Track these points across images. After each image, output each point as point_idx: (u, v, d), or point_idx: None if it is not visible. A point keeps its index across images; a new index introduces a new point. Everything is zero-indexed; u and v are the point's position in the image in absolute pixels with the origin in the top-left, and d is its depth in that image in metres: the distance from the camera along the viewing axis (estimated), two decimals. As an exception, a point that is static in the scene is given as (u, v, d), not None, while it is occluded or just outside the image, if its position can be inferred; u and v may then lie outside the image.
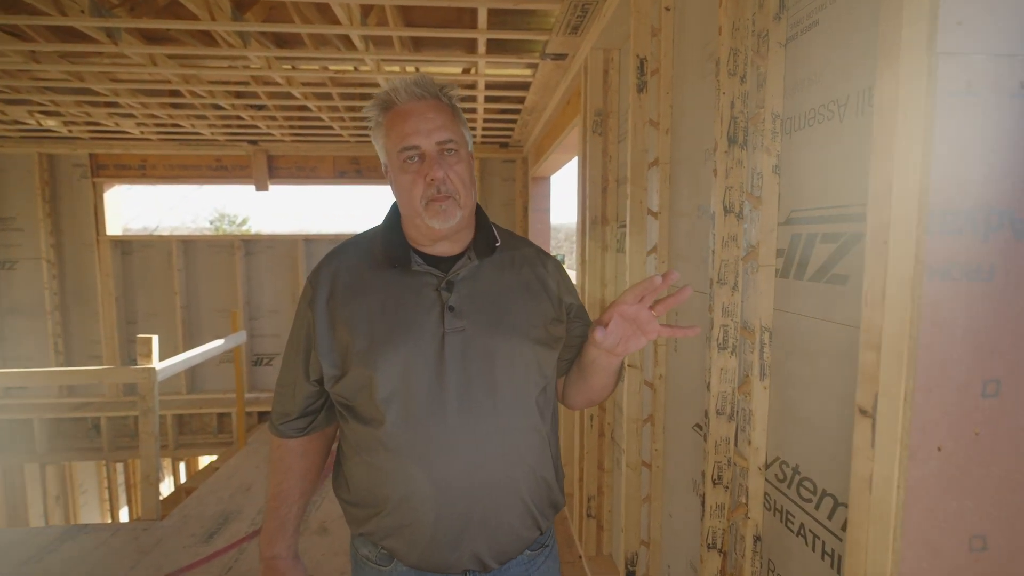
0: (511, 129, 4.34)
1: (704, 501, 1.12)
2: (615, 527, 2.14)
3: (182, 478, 5.94)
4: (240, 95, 3.33)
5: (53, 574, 2.36)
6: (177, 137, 4.60)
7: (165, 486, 6.39)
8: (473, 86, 3.10)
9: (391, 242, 0.88)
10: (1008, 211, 0.58)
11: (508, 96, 3.35)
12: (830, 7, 0.88)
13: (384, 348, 0.82)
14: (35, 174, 4.72)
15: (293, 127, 4.20)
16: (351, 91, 3.18)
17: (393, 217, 0.92)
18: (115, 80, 2.97)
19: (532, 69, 2.83)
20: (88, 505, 5.72)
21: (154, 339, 2.92)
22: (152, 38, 2.48)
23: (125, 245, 5.02)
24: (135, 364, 3.11)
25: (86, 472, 5.72)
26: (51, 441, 4.76)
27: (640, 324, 0.79)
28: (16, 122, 4.06)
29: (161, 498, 3.16)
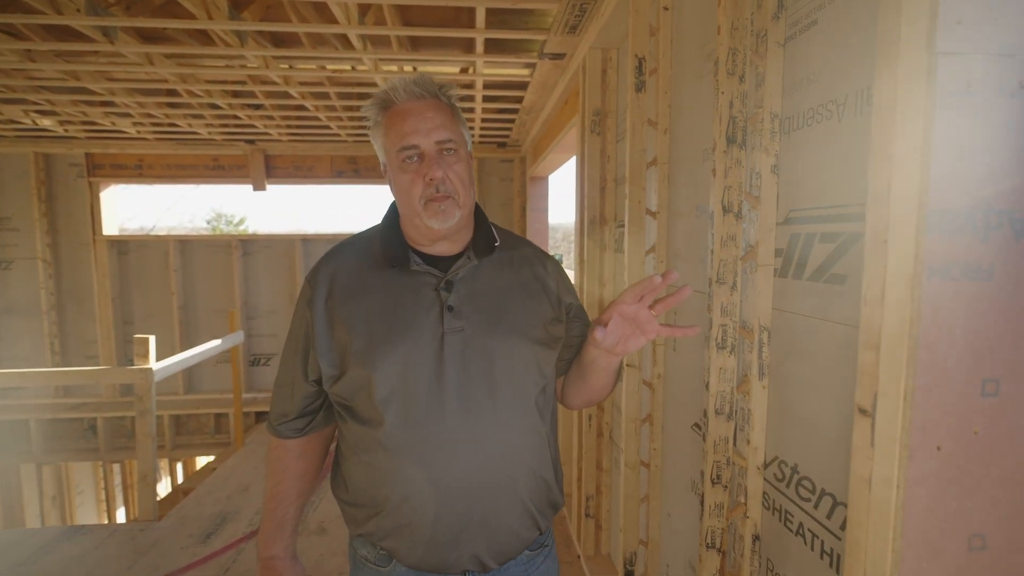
0: (509, 129, 4.34)
1: (703, 500, 1.12)
2: (613, 527, 2.14)
3: (179, 479, 5.93)
4: (237, 94, 3.31)
5: (50, 575, 2.35)
6: (174, 137, 4.59)
7: (162, 487, 6.38)
8: (471, 86, 3.10)
9: (390, 242, 0.88)
10: (1008, 211, 0.58)
11: (506, 96, 3.35)
12: (828, 7, 0.88)
13: (383, 348, 0.81)
14: (31, 174, 4.70)
15: (290, 126, 4.19)
16: (349, 90, 3.17)
17: (392, 217, 0.92)
18: (111, 79, 2.96)
19: (530, 69, 2.83)
20: (85, 506, 5.70)
21: (151, 339, 2.91)
22: (149, 37, 2.47)
23: (122, 245, 5.00)
24: (132, 364, 3.10)
25: (83, 473, 5.70)
26: (47, 442, 4.74)
27: (640, 324, 0.79)
28: (12, 121, 4.04)
29: (158, 499, 3.14)
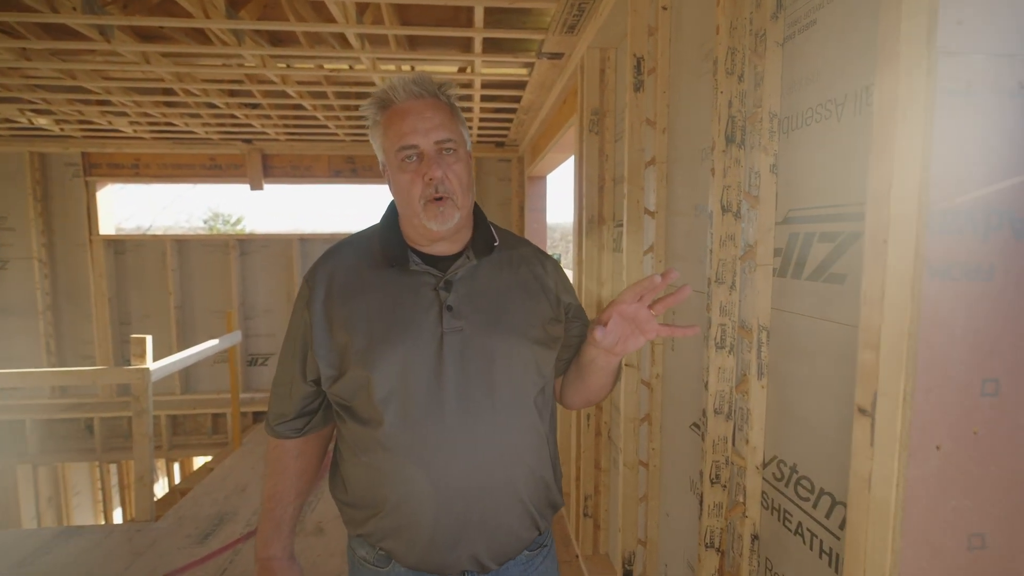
0: (507, 128, 4.33)
1: (702, 500, 1.12)
2: (612, 526, 2.14)
3: (176, 479, 5.92)
4: (234, 93, 3.30)
5: (46, 576, 2.34)
6: (171, 136, 4.57)
7: (159, 487, 6.36)
8: (469, 85, 3.09)
9: (389, 241, 0.88)
10: (1008, 211, 0.58)
11: (504, 95, 3.34)
12: (828, 6, 0.88)
13: (382, 348, 0.81)
14: (26, 173, 4.68)
15: (288, 126, 4.18)
16: (346, 90, 3.17)
17: (391, 216, 0.91)
18: (108, 78, 2.95)
19: (528, 68, 2.83)
20: (81, 507, 5.68)
21: (148, 339, 2.90)
22: (145, 36, 2.46)
23: (118, 245, 4.98)
24: (128, 364, 3.09)
25: (79, 473, 5.68)
26: (43, 442, 4.72)
27: (639, 323, 0.79)
28: (7, 120, 4.02)
29: (155, 499, 3.14)
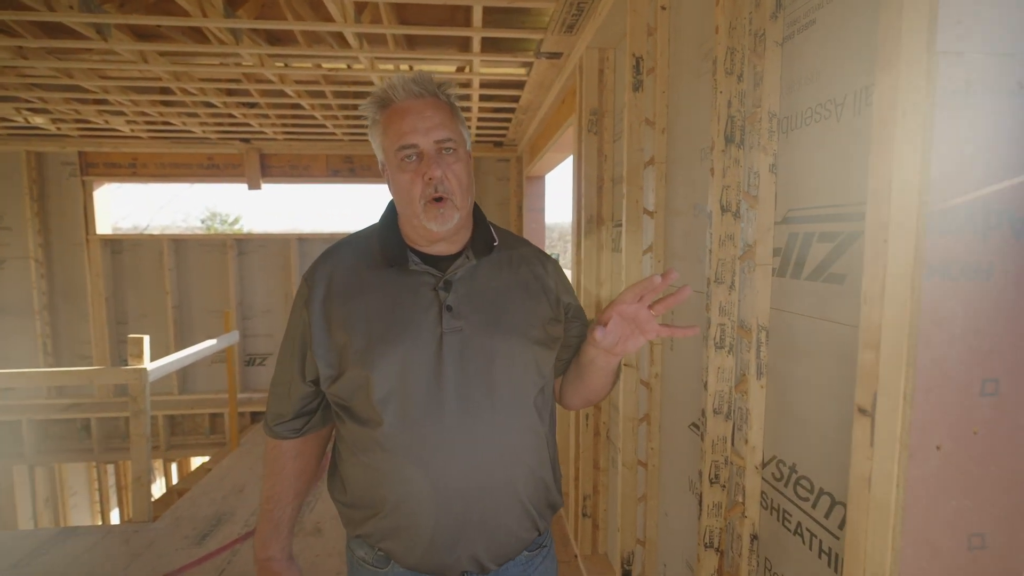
0: (505, 128, 4.33)
1: (701, 500, 1.12)
2: (611, 526, 2.15)
3: (174, 479, 5.90)
4: (232, 93, 3.29)
5: (43, 577, 2.33)
6: (168, 135, 4.56)
7: (157, 488, 6.35)
8: (468, 84, 3.09)
9: (388, 241, 0.87)
10: (1007, 210, 0.58)
11: (503, 95, 3.34)
12: (827, 6, 0.88)
13: (381, 348, 0.81)
14: (23, 172, 4.66)
15: (286, 125, 4.17)
16: (344, 89, 3.16)
17: (390, 216, 0.91)
18: (105, 77, 2.94)
19: (527, 68, 2.82)
20: (78, 507, 5.66)
21: (145, 339, 2.89)
22: (142, 34, 2.45)
23: (115, 244, 4.96)
24: (126, 364, 3.08)
25: (76, 474, 5.65)
26: (40, 443, 4.71)
27: (639, 323, 0.79)
28: (3, 119, 4.00)
29: (153, 500, 3.13)
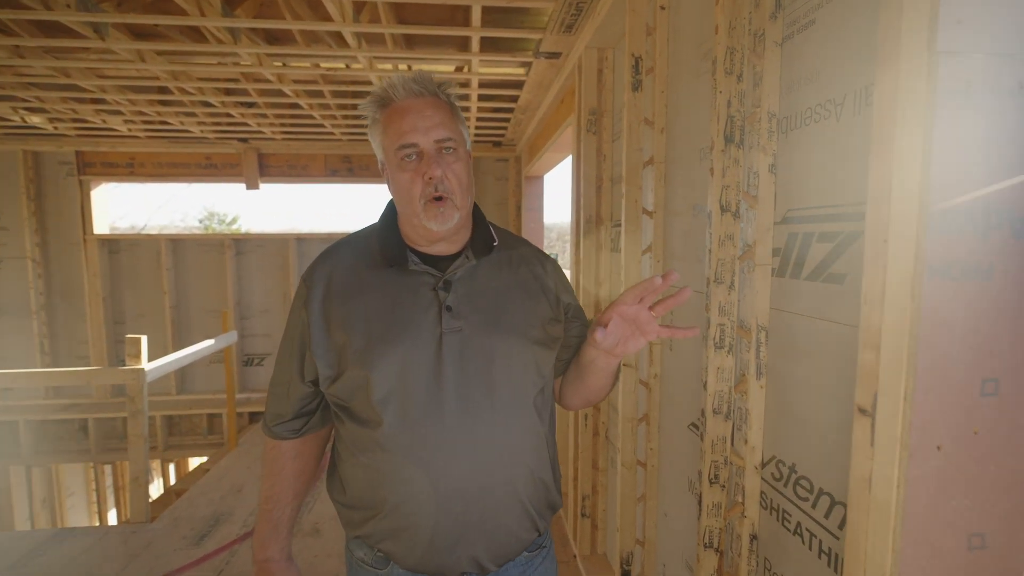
0: (504, 128, 4.33)
1: (701, 500, 1.12)
2: (610, 526, 2.15)
3: (172, 480, 5.88)
4: (230, 92, 3.29)
5: (40, 579, 2.32)
6: (166, 135, 4.54)
7: (154, 488, 6.32)
8: (466, 84, 3.09)
9: (388, 241, 0.87)
10: (1007, 210, 0.58)
11: (501, 95, 3.34)
12: (827, 6, 0.88)
13: (381, 348, 0.80)
14: (20, 172, 4.64)
15: (284, 125, 4.16)
16: (343, 89, 3.15)
17: (390, 215, 0.91)
18: (102, 76, 2.93)
19: (526, 68, 2.82)
20: (75, 508, 5.64)
21: (143, 339, 2.88)
22: (140, 34, 2.45)
23: (112, 244, 4.95)
24: (123, 365, 3.07)
25: (73, 475, 5.63)
26: (37, 443, 4.69)
27: (639, 325, 0.79)
28: (0, 118, 3.99)
29: (150, 500, 3.11)
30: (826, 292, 0.87)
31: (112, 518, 5.98)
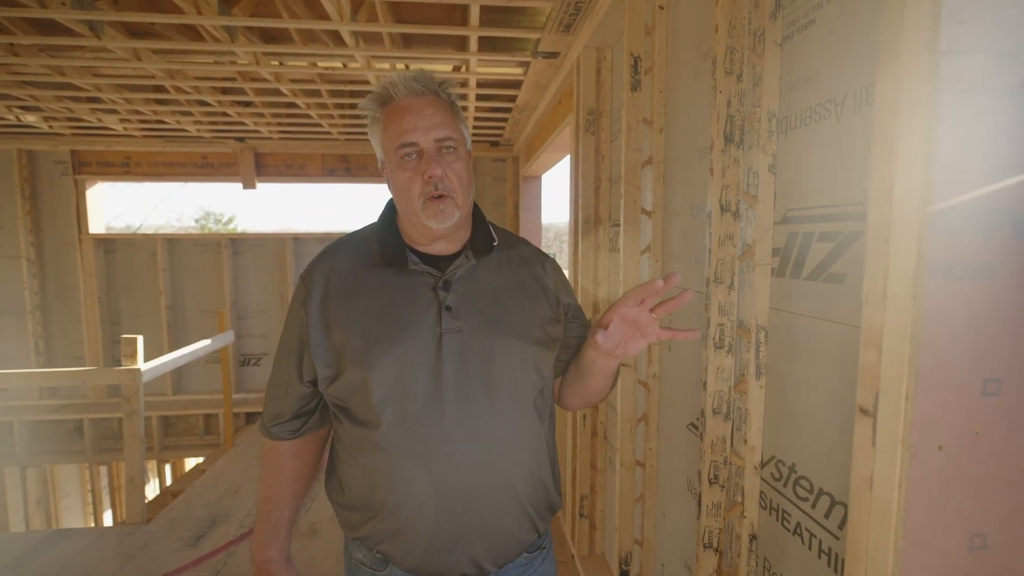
0: (502, 128, 4.33)
1: (700, 500, 1.12)
2: (608, 526, 2.14)
3: (168, 481, 5.85)
4: (227, 91, 3.27)
5: (35, 580, 2.30)
6: (162, 134, 4.52)
7: (150, 489, 6.30)
8: (464, 84, 3.08)
9: (387, 241, 0.87)
10: (1009, 210, 0.58)
11: (499, 95, 3.33)
12: (827, 6, 0.88)
13: (380, 348, 0.80)
14: (14, 171, 4.62)
15: (281, 124, 4.15)
16: (340, 88, 3.15)
17: (389, 215, 0.90)
18: (97, 75, 2.91)
19: (524, 67, 2.82)
20: (71, 509, 5.61)
21: (139, 339, 2.87)
22: (136, 32, 2.43)
23: (108, 244, 4.92)
24: (119, 365, 3.05)
25: (69, 475, 5.61)
26: (32, 444, 4.66)
27: (640, 326, 0.79)
28: (-6, 117, 3.97)
29: (146, 501, 3.10)
30: (826, 292, 0.87)
31: (108, 519, 5.96)
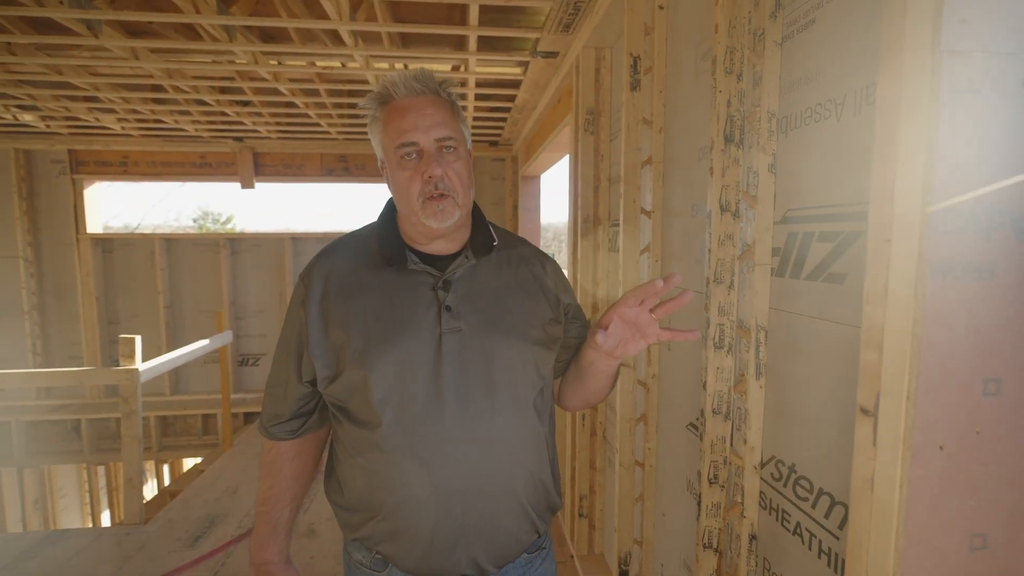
0: (501, 127, 4.32)
1: (700, 500, 1.12)
2: (607, 526, 2.14)
3: (166, 481, 5.84)
4: (225, 91, 3.26)
5: (32, 581, 2.29)
6: (160, 133, 4.51)
7: (148, 489, 6.28)
8: (463, 83, 3.08)
9: (387, 240, 0.86)
10: (1010, 210, 0.58)
11: (498, 94, 3.33)
12: (827, 6, 0.88)
13: (380, 348, 0.80)
14: (11, 170, 4.60)
15: (280, 124, 4.14)
16: (339, 87, 3.14)
17: (389, 214, 0.90)
18: (95, 74, 2.90)
19: (523, 67, 2.82)
20: (68, 510, 5.59)
21: (137, 339, 2.86)
22: (134, 31, 2.43)
23: (106, 243, 4.91)
24: (117, 365, 3.04)
25: (66, 476, 5.59)
26: (29, 444, 4.65)
27: (640, 327, 0.78)
28: (-9, 117, 3.95)
29: (144, 502, 3.09)
30: (826, 292, 0.87)
31: (106, 519, 5.94)
